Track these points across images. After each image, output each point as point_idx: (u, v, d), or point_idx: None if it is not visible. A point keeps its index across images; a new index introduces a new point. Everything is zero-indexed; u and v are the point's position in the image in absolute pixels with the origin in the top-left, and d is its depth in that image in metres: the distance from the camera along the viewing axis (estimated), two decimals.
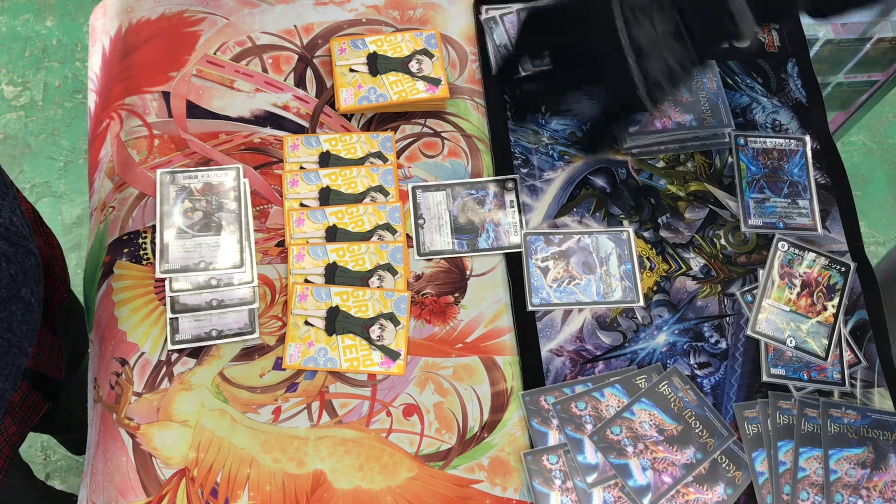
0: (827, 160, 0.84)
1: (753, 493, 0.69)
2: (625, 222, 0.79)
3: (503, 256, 0.77)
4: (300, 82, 0.83)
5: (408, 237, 0.77)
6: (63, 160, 1.81)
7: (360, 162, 0.80)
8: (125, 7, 0.86)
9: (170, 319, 0.71)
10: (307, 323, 0.72)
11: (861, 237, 0.81)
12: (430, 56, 0.84)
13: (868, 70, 1.22)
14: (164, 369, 0.71)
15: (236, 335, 0.71)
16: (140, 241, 0.75)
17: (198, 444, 0.68)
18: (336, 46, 0.84)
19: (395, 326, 0.73)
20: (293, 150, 0.80)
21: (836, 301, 0.76)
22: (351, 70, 0.83)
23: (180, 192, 0.75)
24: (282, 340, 0.72)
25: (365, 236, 0.76)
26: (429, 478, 0.68)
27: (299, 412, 0.70)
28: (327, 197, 0.78)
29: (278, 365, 0.71)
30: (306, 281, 0.74)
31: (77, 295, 1.60)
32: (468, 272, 0.76)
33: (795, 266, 0.78)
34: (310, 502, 0.67)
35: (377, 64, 0.83)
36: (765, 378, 0.74)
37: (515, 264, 0.76)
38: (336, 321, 0.72)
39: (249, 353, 0.72)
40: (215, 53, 0.84)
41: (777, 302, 0.76)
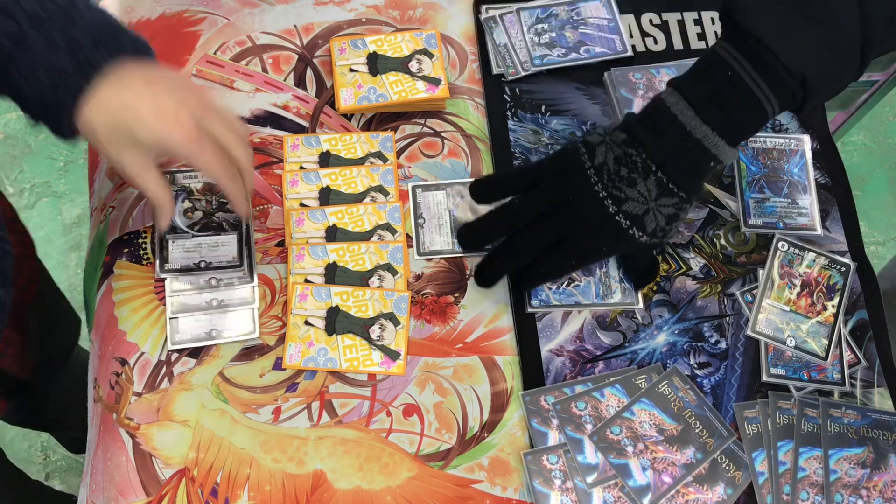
0: (827, 160, 0.84)
1: (753, 493, 0.69)
2: None
3: None
4: (300, 82, 0.83)
5: (408, 237, 0.77)
6: (63, 160, 1.81)
7: (360, 162, 0.80)
8: (125, 7, 0.86)
9: (169, 319, 0.71)
10: (307, 323, 0.72)
11: (861, 237, 0.81)
12: (430, 56, 0.84)
13: (868, 70, 1.22)
14: (164, 369, 0.71)
15: (237, 335, 0.71)
16: (140, 241, 0.75)
17: (198, 444, 0.68)
18: (336, 46, 0.84)
19: (395, 326, 0.73)
20: (293, 150, 0.80)
21: (836, 301, 0.76)
22: (351, 70, 0.83)
23: (180, 193, 0.75)
24: (282, 340, 0.72)
25: (365, 236, 0.76)
26: (429, 478, 0.68)
27: (299, 412, 0.70)
28: (327, 197, 0.78)
29: (278, 365, 0.71)
30: (306, 281, 0.74)
31: (77, 295, 1.60)
32: (468, 272, 0.76)
33: (795, 266, 0.77)
34: (310, 502, 0.67)
35: (377, 64, 0.83)
36: (765, 378, 0.74)
37: None
38: (336, 321, 0.72)
39: (249, 353, 0.72)
40: (215, 53, 0.84)
41: (777, 302, 0.76)
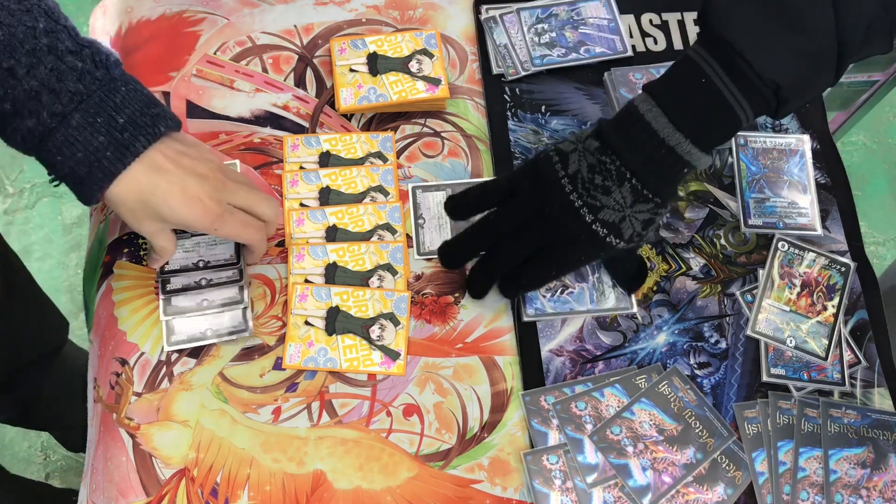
0: (827, 160, 0.84)
1: (753, 493, 0.69)
2: None
3: None
4: (300, 82, 0.83)
5: (408, 237, 0.77)
6: None
7: (360, 162, 0.80)
8: (125, 7, 0.86)
9: (165, 321, 0.71)
10: (307, 323, 0.72)
11: (861, 237, 0.81)
12: (430, 56, 0.84)
13: (868, 70, 1.22)
14: (164, 369, 0.71)
15: (230, 334, 0.71)
16: (140, 241, 0.75)
17: (198, 444, 0.68)
18: (336, 46, 0.84)
19: (395, 326, 0.73)
20: (293, 150, 0.80)
21: (836, 301, 0.76)
22: (351, 70, 0.83)
23: None
24: (282, 340, 0.72)
25: (365, 236, 0.76)
26: (429, 478, 0.68)
27: (299, 412, 0.70)
28: (327, 197, 0.78)
29: (278, 365, 0.71)
30: (306, 281, 0.74)
31: (77, 295, 1.60)
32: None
33: (795, 266, 0.77)
34: (310, 502, 0.67)
35: (377, 64, 0.83)
36: (765, 378, 0.74)
37: None
38: (336, 321, 0.72)
39: (249, 353, 0.72)
40: (215, 53, 0.84)
41: (777, 302, 0.76)
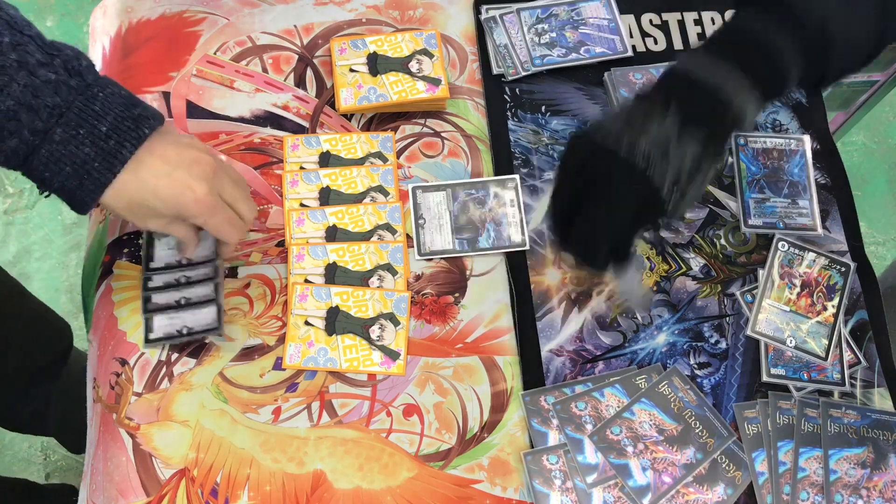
0: (827, 160, 0.84)
1: (753, 493, 0.69)
2: None
3: (503, 256, 0.77)
4: (300, 82, 0.83)
5: (408, 237, 0.77)
6: None
7: (360, 162, 0.80)
8: (125, 7, 0.86)
9: (144, 319, 0.70)
10: (307, 323, 0.72)
11: (861, 237, 0.81)
12: (430, 56, 0.84)
13: (868, 70, 1.22)
14: (164, 369, 0.71)
15: (204, 332, 0.70)
16: (140, 241, 0.75)
17: (198, 444, 0.68)
18: (336, 46, 0.84)
19: (395, 326, 0.73)
20: (293, 150, 0.80)
21: (836, 301, 0.76)
22: (351, 70, 0.83)
23: None
24: (282, 340, 0.72)
25: (365, 236, 0.76)
26: (429, 478, 0.68)
27: (299, 412, 0.70)
28: (327, 197, 0.78)
29: (278, 365, 0.71)
30: (306, 281, 0.74)
31: (77, 295, 1.60)
32: (468, 272, 0.76)
33: (795, 266, 0.77)
34: (310, 502, 0.67)
35: (377, 64, 0.83)
36: (765, 378, 0.74)
37: (516, 255, 0.77)
38: (336, 321, 0.72)
39: (249, 353, 0.72)
40: (215, 53, 0.84)
41: (777, 302, 0.76)
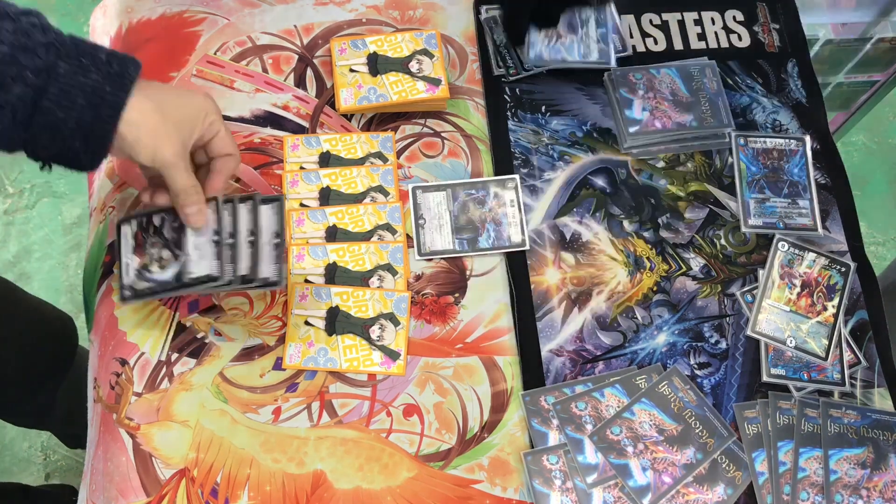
0: (827, 160, 0.84)
1: (753, 493, 0.69)
2: (625, 222, 0.79)
3: (503, 256, 0.77)
4: (300, 82, 0.83)
5: (408, 237, 0.77)
6: None
7: (360, 162, 0.80)
8: (125, 7, 0.86)
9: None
10: (307, 323, 0.72)
11: (861, 237, 0.81)
12: (431, 56, 0.84)
13: (868, 70, 1.22)
14: (164, 369, 0.71)
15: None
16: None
17: (198, 444, 0.68)
18: (336, 46, 0.84)
19: (395, 326, 0.73)
20: (293, 151, 0.80)
21: (836, 301, 0.76)
22: (351, 70, 0.83)
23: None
24: (282, 340, 0.72)
25: (365, 236, 0.76)
26: (429, 478, 0.68)
27: (299, 412, 0.70)
28: (327, 197, 0.78)
29: (278, 365, 0.71)
30: (306, 281, 0.74)
31: (77, 295, 1.60)
32: (468, 272, 0.76)
33: (795, 266, 0.77)
34: (310, 502, 0.67)
35: (377, 64, 0.83)
36: (765, 378, 0.74)
37: (516, 255, 0.77)
38: (336, 321, 0.72)
39: (249, 353, 0.72)
40: (215, 53, 0.84)
41: (777, 302, 0.76)
